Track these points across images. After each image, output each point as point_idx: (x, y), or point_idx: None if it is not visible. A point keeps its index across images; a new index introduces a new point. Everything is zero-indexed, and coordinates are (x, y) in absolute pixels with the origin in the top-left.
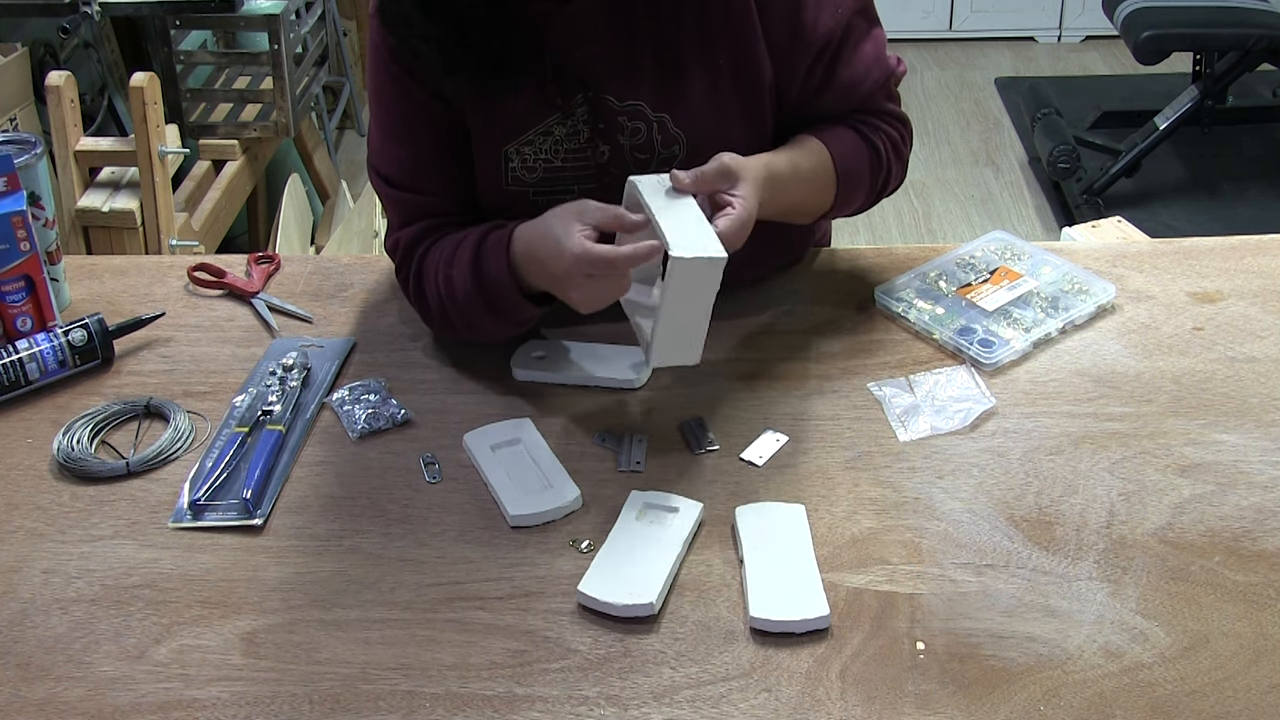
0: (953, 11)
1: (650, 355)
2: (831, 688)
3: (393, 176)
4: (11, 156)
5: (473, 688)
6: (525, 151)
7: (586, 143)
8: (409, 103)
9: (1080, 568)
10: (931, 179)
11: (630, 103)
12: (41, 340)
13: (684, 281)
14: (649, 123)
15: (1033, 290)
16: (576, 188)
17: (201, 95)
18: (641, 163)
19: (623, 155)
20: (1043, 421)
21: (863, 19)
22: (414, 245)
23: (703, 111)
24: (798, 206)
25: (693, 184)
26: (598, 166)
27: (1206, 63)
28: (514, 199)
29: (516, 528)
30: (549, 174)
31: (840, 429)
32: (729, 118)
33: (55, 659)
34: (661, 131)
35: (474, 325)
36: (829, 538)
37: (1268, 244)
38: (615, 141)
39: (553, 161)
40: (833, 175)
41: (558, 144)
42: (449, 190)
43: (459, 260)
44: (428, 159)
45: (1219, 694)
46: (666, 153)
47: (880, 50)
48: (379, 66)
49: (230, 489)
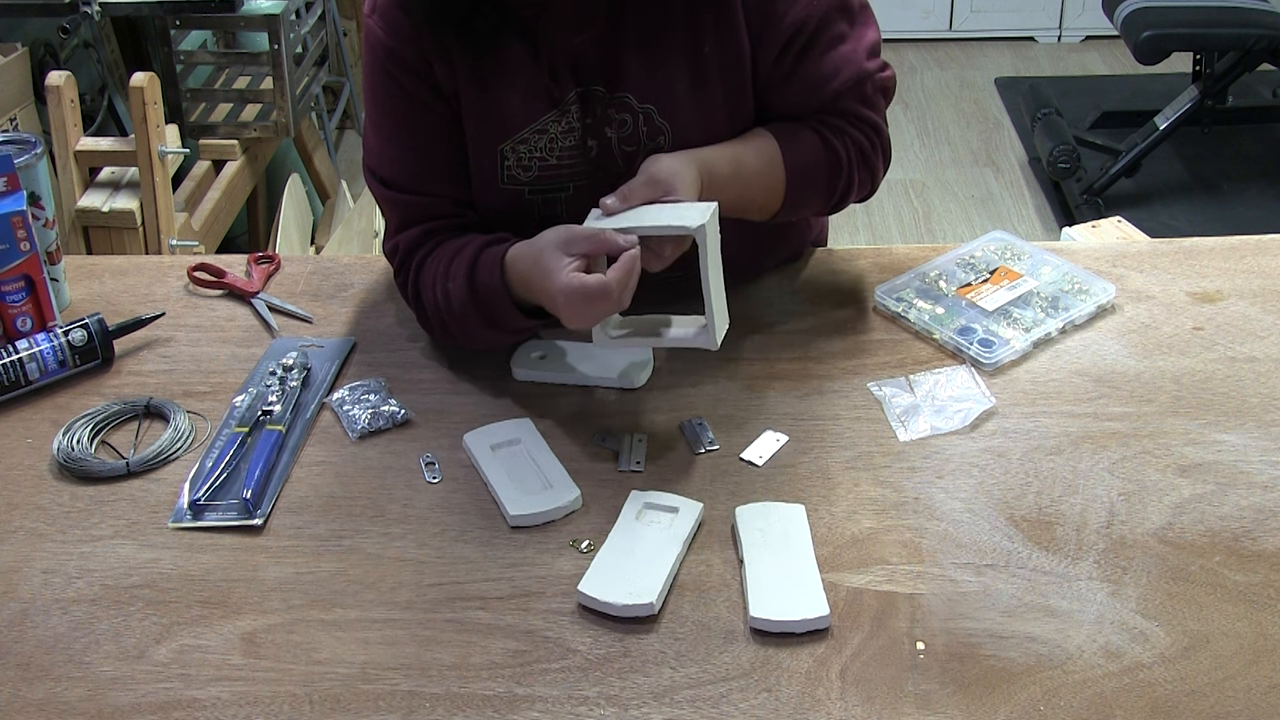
0: (953, 11)
1: (713, 333)
2: (831, 688)
3: (390, 178)
4: (11, 156)
5: (473, 688)
6: (520, 150)
7: (580, 140)
8: (406, 103)
9: (1080, 568)
10: (931, 179)
11: (619, 95)
12: (41, 340)
13: (709, 248)
14: (634, 114)
15: (1033, 290)
16: (571, 185)
17: (201, 95)
18: (628, 155)
19: (610, 149)
20: (1043, 421)
21: (842, 16)
22: (412, 251)
23: (687, 101)
24: (741, 204)
25: (624, 204)
26: (589, 162)
27: (1206, 63)
28: (509, 197)
29: (516, 528)
30: (544, 172)
31: (840, 429)
32: (713, 107)
33: (55, 659)
34: (647, 123)
35: (471, 335)
36: (829, 538)
37: (1268, 244)
38: (603, 135)
39: (548, 160)
40: (782, 175)
41: (553, 141)
42: (447, 191)
43: (455, 273)
44: (425, 160)
45: (1219, 694)
46: (652, 144)
47: (859, 52)
48: (376, 67)
49: (230, 489)
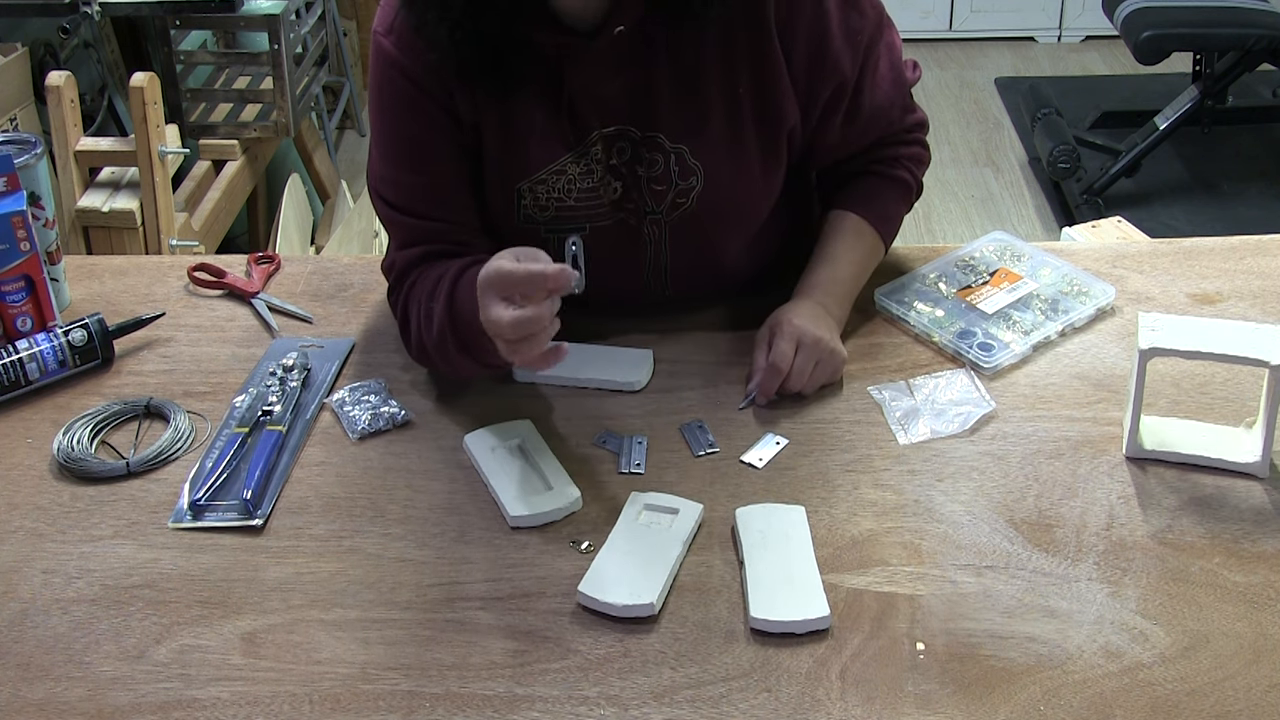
0: (953, 11)
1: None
2: (831, 688)
3: (398, 202)
4: (11, 156)
5: (473, 688)
6: (538, 190)
7: (599, 181)
8: (420, 126)
9: (1080, 569)
10: (931, 179)
11: (650, 134)
12: (41, 340)
13: None
14: (666, 154)
15: (1032, 292)
16: (589, 225)
17: (201, 95)
18: (658, 194)
19: (639, 188)
20: (1042, 425)
21: (879, 36)
22: (406, 272)
23: (721, 142)
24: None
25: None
26: (610, 203)
27: (1206, 63)
28: (525, 235)
29: (516, 528)
30: (561, 212)
31: (840, 432)
32: (747, 149)
33: (55, 659)
34: (679, 163)
35: (448, 359)
36: (829, 539)
37: (1268, 244)
38: (633, 174)
39: (565, 200)
40: (878, 238)
41: (571, 183)
42: (455, 218)
43: (438, 293)
44: (434, 187)
45: (1219, 694)
46: (684, 184)
47: (898, 66)
48: (388, 88)
49: (230, 489)
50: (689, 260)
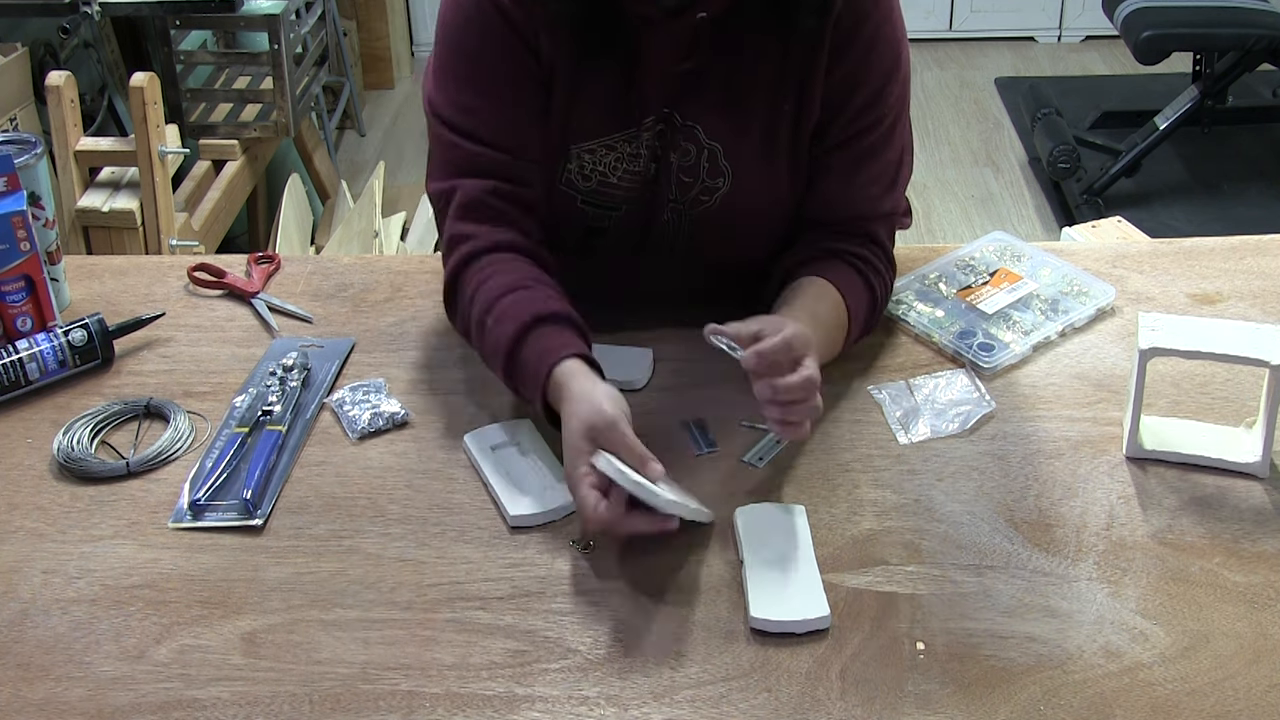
0: (953, 11)
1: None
2: (831, 688)
3: (462, 125)
4: (11, 156)
5: (473, 688)
6: (585, 158)
7: (643, 165)
8: (500, 55)
9: (1080, 569)
10: (931, 179)
11: (689, 123)
12: (41, 340)
13: None
14: (700, 147)
15: (1032, 293)
16: (624, 206)
17: (201, 95)
18: (684, 185)
19: (669, 174)
20: (1042, 425)
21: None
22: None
23: (756, 151)
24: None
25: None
26: (645, 185)
27: (1206, 63)
28: (563, 199)
29: (516, 528)
30: (602, 187)
31: (840, 432)
32: (778, 163)
33: (55, 659)
34: (710, 161)
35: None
36: (829, 539)
37: (1268, 244)
38: (666, 159)
39: (608, 177)
40: (845, 325)
41: (618, 161)
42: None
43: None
44: (506, 115)
45: (1219, 694)
46: (711, 183)
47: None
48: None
49: (230, 489)
50: (701, 255)
